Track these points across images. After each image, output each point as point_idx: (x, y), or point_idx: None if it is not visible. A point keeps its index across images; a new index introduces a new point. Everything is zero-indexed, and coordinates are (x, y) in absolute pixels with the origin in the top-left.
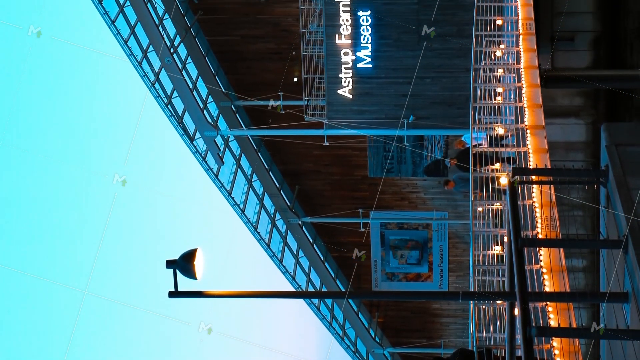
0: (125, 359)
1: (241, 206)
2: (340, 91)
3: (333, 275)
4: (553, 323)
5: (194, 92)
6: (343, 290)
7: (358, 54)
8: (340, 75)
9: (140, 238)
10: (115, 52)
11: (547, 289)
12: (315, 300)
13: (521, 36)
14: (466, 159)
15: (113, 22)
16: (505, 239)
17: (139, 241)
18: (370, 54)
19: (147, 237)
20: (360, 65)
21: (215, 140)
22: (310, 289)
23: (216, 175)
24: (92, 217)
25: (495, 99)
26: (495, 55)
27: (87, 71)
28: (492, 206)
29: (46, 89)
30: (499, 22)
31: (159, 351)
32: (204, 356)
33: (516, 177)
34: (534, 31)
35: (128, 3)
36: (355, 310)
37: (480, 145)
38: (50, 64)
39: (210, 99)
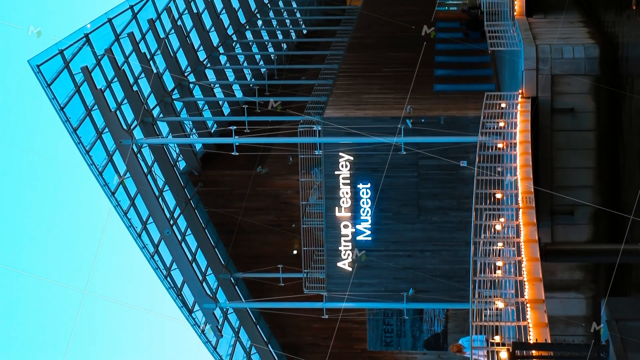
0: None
1: None
2: (339, 264)
3: None
4: None
5: (194, 264)
6: None
7: (358, 226)
8: (339, 248)
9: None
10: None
11: None
12: None
13: (521, 210)
14: None
15: (113, 193)
16: None
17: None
18: (370, 226)
19: None
20: (360, 238)
21: (214, 313)
22: None
23: (215, 348)
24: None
25: (495, 273)
26: (495, 229)
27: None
28: None
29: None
30: (498, 195)
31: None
32: None
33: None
34: (533, 205)
35: (128, 175)
36: None
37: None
38: None
39: (209, 271)
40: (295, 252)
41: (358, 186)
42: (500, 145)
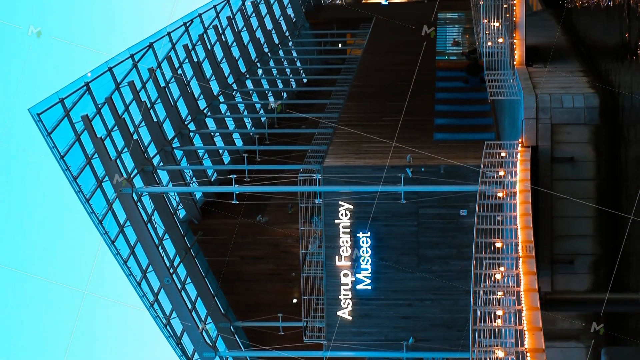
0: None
1: None
2: (339, 313)
3: None
4: None
5: (193, 313)
6: None
7: (357, 275)
8: (339, 297)
9: None
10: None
11: None
12: None
13: (521, 259)
14: None
15: (113, 242)
16: None
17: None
18: (369, 275)
19: None
20: (359, 287)
21: None
22: None
23: None
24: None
25: (495, 322)
26: (495, 278)
27: None
28: None
29: None
30: (498, 244)
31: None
32: None
33: None
34: (533, 254)
35: (128, 223)
36: None
37: None
38: None
39: (209, 319)
40: (295, 300)
41: (358, 235)
42: (500, 194)
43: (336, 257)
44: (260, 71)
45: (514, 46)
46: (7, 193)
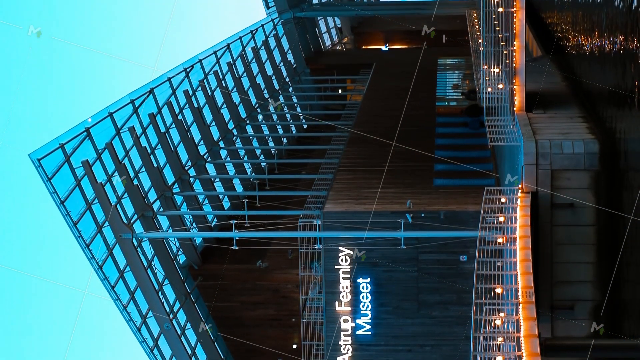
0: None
1: None
2: (339, 358)
3: None
4: None
5: (193, 358)
6: None
7: (358, 321)
8: (339, 343)
9: None
10: None
11: None
12: None
13: (521, 305)
14: None
15: (113, 287)
16: None
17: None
18: (370, 321)
19: None
20: (360, 332)
21: None
22: None
23: None
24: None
25: None
26: (495, 324)
27: None
28: None
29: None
30: (498, 290)
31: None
32: None
33: None
34: (534, 300)
35: (128, 268)
36: None
37: None
38: None
39: None
40: (295, 346)
41: (358, 280)
42: (500, 240)
43: (336, 302)
44: (260, 117)
45: (514, 92)
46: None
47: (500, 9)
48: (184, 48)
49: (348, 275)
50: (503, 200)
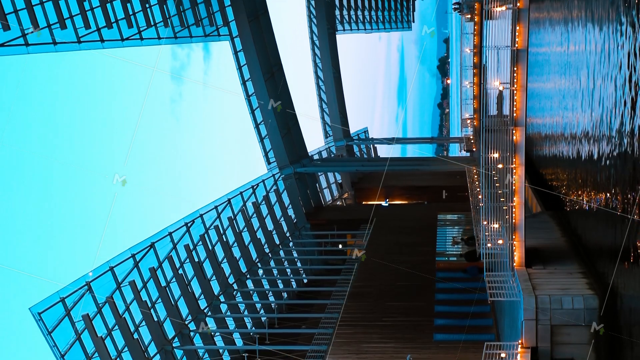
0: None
1: None
2: None
3: None
4: None
5: None
6: None
7: None
8: None
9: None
10: None
11: None
12: None
13: None
14: None
15: None
16: None
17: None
18: None
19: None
20: None
21: None
22: None
23: None
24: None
25: None
26: None
27: None
28: None
29: None
30: None
31: None
32: None
33: None
34: None
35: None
36: None
37: None
38: None
39: None
40: None
41: None
42: None
43: None
44: (260, 271)
45: (514, 248)
46: None
47: (500, 166)
48: (186, 202)
49: None
50: (503, 355)
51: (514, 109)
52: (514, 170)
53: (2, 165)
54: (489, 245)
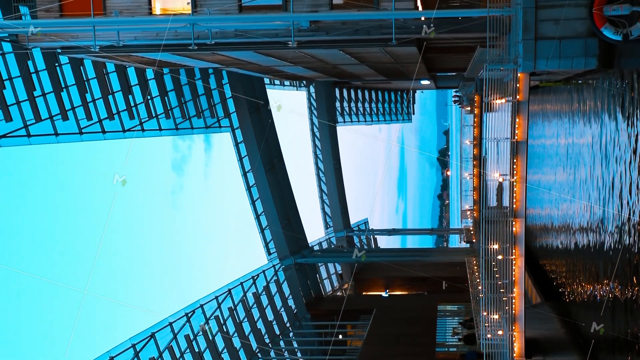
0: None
1: None
2: None
3: None
4: None
5: None
6: None
7: None
8: None
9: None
10: None
11: None
12: None
13: None
14: None
15: None
16: None
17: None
18: None
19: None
20: None
21: None
22: None
23: None
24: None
25: None
26: None
27: None
28: None
29: None
30: None
31: None
32: None
33: None
34: None
35: None
36: None
37: None
38: None
39: None
40: None
41: None
42: None
43: None
44: None
45: (514, 339)
46: None
47: (500, 257)
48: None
49: None
50: None
51: (514, 200)
52: (514, 261)
53: None
54: (488, 336)
